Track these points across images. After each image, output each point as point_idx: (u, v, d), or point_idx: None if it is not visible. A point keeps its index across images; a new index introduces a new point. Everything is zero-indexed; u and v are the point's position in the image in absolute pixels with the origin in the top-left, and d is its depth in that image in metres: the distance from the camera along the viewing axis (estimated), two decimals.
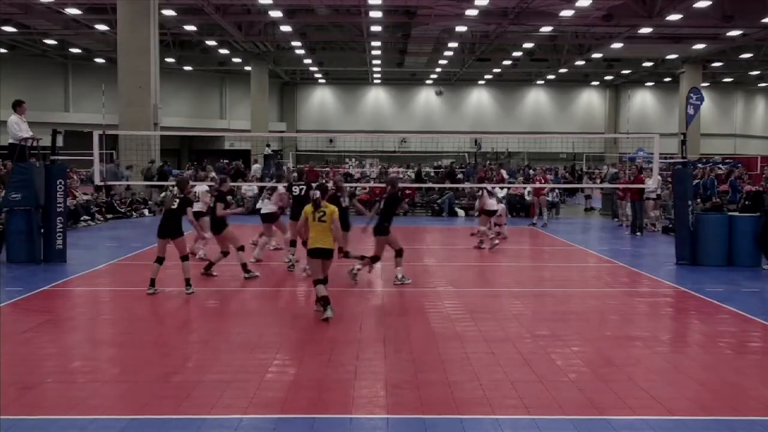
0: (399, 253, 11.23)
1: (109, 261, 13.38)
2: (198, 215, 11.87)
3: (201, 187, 13.89)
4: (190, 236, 12.19)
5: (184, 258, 10.21)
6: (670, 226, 17.98)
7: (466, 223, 22.26)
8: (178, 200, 10.26)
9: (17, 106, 13.23)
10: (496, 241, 15.45)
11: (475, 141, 42.51)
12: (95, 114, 36.14)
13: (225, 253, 11.53)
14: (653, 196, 19.69)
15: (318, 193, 8.92)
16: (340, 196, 11.73)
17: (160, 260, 10.21)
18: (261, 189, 24.74)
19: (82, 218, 19.55)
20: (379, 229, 11.10)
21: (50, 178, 13.08)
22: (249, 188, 24.32)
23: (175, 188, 10.54)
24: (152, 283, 10.15)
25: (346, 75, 51.22)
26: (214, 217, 11.49)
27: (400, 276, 11.20)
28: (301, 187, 12.53)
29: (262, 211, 13.81)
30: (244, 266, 11.48)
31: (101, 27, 31.46)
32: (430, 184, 27.62)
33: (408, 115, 54.17)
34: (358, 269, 11.43)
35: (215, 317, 9.12)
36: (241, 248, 11.60)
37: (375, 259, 11.21)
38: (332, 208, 8.89)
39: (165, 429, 5.37)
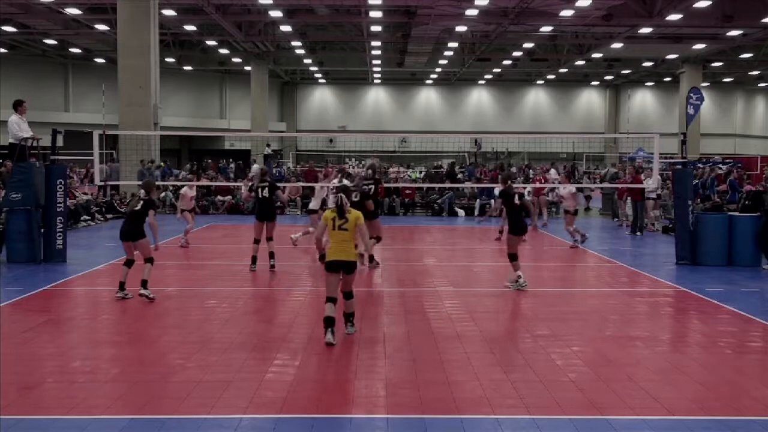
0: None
1: (109, 261, 13.37)
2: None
3: (185, 189, 15.96)
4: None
5: (149, 260, 9.84)
6: (670, 226, 17.98)
7: (465, 223, 22.27)
8: (142, 202, 9.83)
9: (18, 106, 13.24)
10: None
11: (475, 141, 42.50)
12: (95, 114, 36.13)
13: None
14: (653, 195, 19.68)
15: (343, 197, 7.76)
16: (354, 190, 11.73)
17: (129, 263, 9.88)
18: None
19: (82, 218, 19.55)
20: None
21: (50, 178, 13.08)
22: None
23: (141, 190, 9.97)
24: (121, 286, 9.80)
25: (346, 75, 51.22)
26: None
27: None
28: (370, 186, 12.96)
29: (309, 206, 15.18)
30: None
31: (101, 27, 31.45)
32: (430, 184, 27.62)
33: (408, 115, 54.15)
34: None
35: (215, 317, 9.11)
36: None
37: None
38: (356, 214, 7.83)
39: (165, 429, 5.37)
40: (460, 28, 33.04)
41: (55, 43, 37.77)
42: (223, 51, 40.51)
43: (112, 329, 8.59)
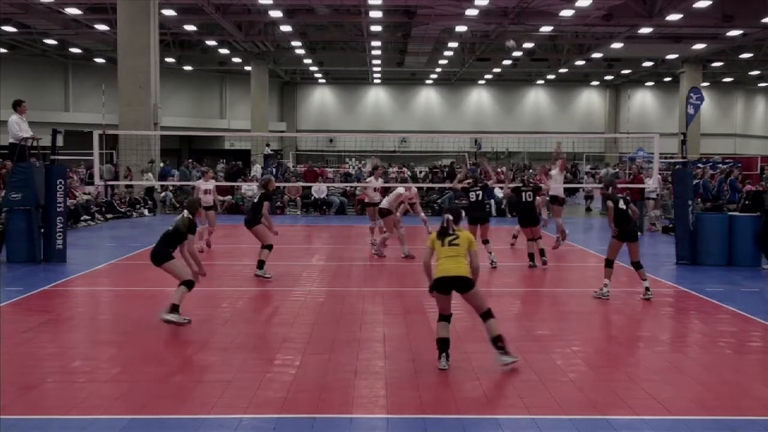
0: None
1: (109, 261, 13.38)
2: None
3: (198, 181, 15.78)
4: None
5: (267, 247, 11.34)
6: (670, 225, 17.97)
7: (465, 223, 22.23)
8: (260, 194, 11.64)
9: (17, 106, 13.24)
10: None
11: (475, 141, 42.49)
12: (95, 114, 36.12)
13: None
14: (653, 195, 19.68)
15: (450, 217, 7.08)
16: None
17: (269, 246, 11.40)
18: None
19: (82, 218, 19.55)
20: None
21: (50, 178, 13.08)
22: (249, 188, 24.33)
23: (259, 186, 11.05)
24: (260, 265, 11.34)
25: (346, 75, 51.20)
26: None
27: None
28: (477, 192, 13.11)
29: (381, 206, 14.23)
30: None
31: (101, 27, 31.44)
32: (429, 184, 27.61)
33: (408, 114, 54.14)
34: None
35: (215, 317, 9.11)
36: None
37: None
38: (467, 234, 7.09)
39: (165, 429, 5.37)
40: (460, 28, 33.04)
41: (55, 43, 37.75)
42: (223, 51, 40.51)
43: (112, 329, 8.59)
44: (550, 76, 50.20)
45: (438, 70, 47.45)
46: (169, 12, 28.64)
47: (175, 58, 41.09)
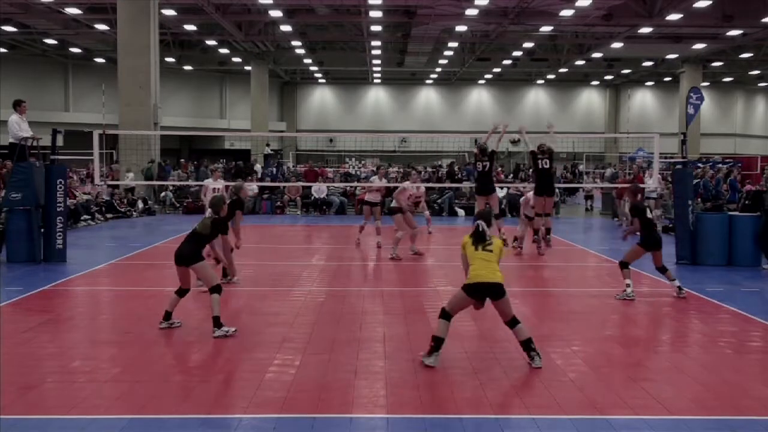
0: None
1: (109, 261, 13.38)
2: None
3: (207, 180, 15.50)
4: None
5: None
6: (670, 225, 17.97)
7: (465, 223, 22.24)
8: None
9: (17, 106, 13.24)
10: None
11: (475, 141, 42.43)
12: (95, 114, 36.16)
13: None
14: (654, 195, 19.68)
15: (483, 224, 7.00)
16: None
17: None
18: (261, 189, 24.80)
19: (82, 218, 19.55)
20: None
21: (50, 178, 13.07)
22: (249, 188, 24.34)
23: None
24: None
25: (346, 75, 51.24)
26: None
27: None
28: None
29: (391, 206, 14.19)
30: None
31: (101, 27, 31.47)
32: (429, 184, 27.62)
33: (408, 114, 54.16)
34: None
35: None
36: None
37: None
38: (499, 242, 7.07)
39: (165, 429, 5.37)
40: (460, 28, 33.06)
41: (55, 42, 37.79)
42: (223, 51, 40.53)
43: (112, 329, 8.58)
44: (550, 76, 50.22)
45: (438, 70, 47.47)
46: (169, 12, 28.66)
47: (175, 58, 41.12)
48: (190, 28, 33.38)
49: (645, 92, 55.43)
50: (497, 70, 46.80)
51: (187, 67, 45.71)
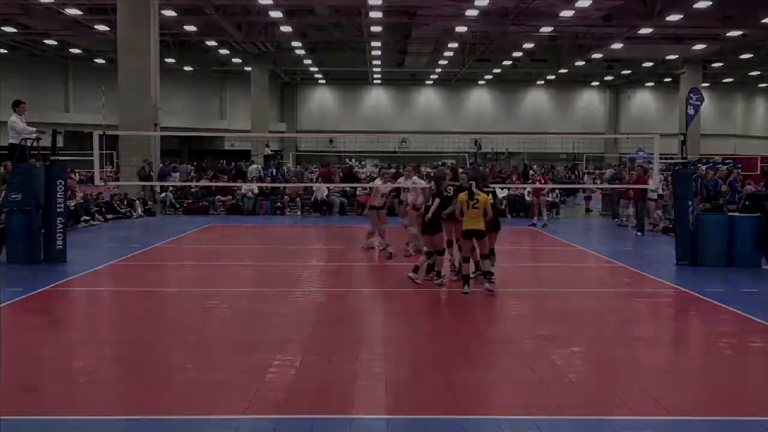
0: None
1: (109, 261, 13.37)
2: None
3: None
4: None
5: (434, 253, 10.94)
6: (670, 226, 17.96)
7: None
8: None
9: (17, 106, 13.23)
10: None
11: (475, 141, 42.52)
12: (95, 114, 36.16)
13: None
14: (654, 196, 19.67)
15: (473, 183, 10.04)
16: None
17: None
18: (260, 189, 24.80)
19: (82, 218, 19.53)
20: None
21: (50, 178, 13.07)
22: (249, 188, 24.34)
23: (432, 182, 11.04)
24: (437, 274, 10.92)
25: (346, 75, 51.24)
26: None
27: None
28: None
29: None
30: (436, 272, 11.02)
31: (101, 27, 31.47)
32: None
33: (408, 115, 54.18)
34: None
35: (215, 317, 9.11)
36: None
37: None
38: (485, 197, 10.04)
39: (165, 429, 5.37)
40: (460, 29, 33.06)
41: (55, 43, 37.81)
42: (223, 51, 40.56)
43: (112, 329, 8.59)
44: (550, 77, 50.25)
45: (438, 70, 47.48)
46: (169, 12, 28.66)
47: (175, 59, 41.12)
48: (190, 28, 33.39)
49: (645, 93, 55.44)
50: (497, 70, 46.81)
51: (187, 68, 45.72)
